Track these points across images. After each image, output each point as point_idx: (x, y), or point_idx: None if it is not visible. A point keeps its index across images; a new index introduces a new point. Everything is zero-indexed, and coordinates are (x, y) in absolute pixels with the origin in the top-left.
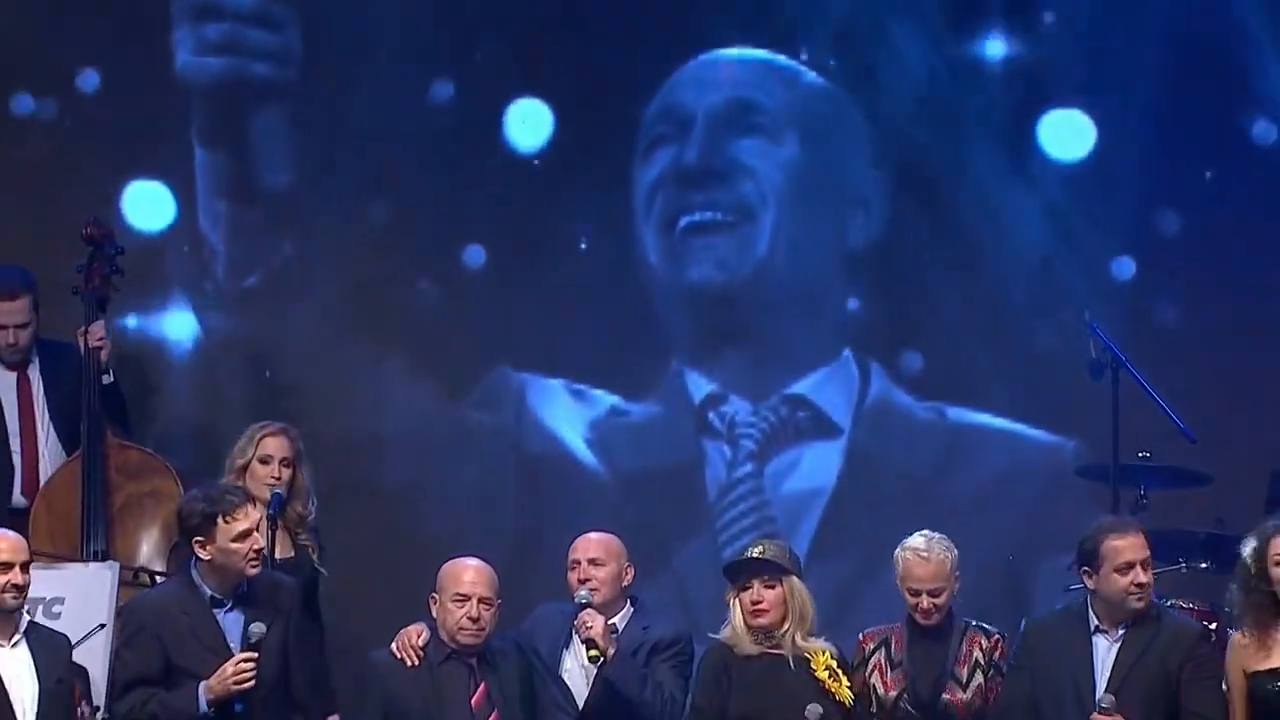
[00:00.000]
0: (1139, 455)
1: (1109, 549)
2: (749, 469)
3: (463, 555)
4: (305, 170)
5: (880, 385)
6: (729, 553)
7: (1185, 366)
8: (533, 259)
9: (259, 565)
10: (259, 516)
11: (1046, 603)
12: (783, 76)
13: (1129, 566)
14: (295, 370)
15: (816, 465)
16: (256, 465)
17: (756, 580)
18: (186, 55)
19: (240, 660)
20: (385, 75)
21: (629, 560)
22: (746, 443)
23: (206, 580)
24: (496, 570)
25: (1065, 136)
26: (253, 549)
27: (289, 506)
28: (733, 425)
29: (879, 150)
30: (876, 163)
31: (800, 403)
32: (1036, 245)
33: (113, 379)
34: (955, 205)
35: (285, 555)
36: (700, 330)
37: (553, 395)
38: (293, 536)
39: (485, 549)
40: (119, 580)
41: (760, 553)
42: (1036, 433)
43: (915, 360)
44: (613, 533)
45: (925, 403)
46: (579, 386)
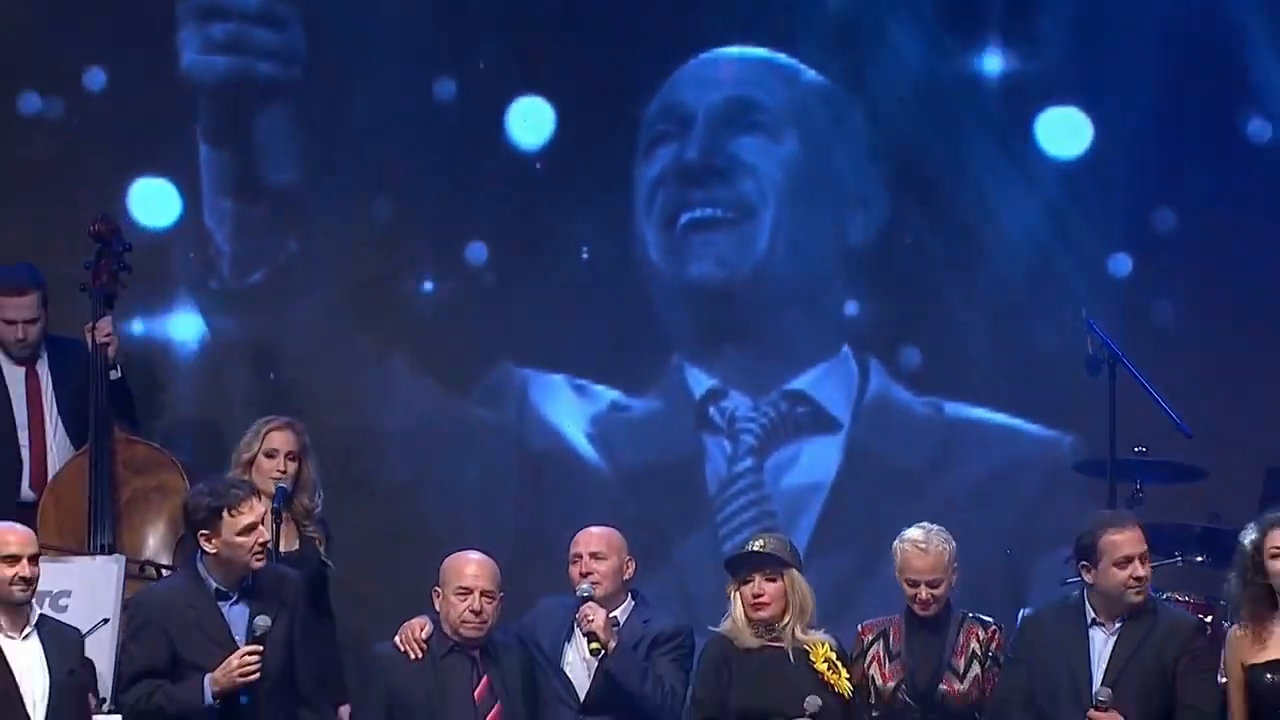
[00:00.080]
0: (1135, 450)
1: (1108, 544)
2: (749, 464)
3: (465, 549)
4: (309, 168)
5: (879, 381)
6: (729, 546)
7: (1181, 363)
8: (534, 256)
9: (264, 559)
10: (264, 510)
11: (1043, 596)
12: (782, 75)
13: (1128, 561)
14: (299, 367)
15: (816, 460)
16: (262, 459)
17: (758, 574)
18: (192, 54)
19: (245, 653)
20: (387, 74)
21: (630, 554)
22: (746, 438)
23: (212, 573)
24: (499, 564)
25: (1062, 134)
26: (257, 542)
27: (296, 499)
28: (733, 420)
29: (878, 148)
30: (875, 160)
31: (800, 398)
32: (1034, 242)
33: (120, 374)
34: (953, 203)
35: (290, 548)
36: (701, 326)
37: (555, 391)
38: (299, 529)
39: (487, 543)
40: (125, 574)
41: (761, 546)
42: (1034, 428)
43: (914, 356)
44: (614, 527)
45: (923, 398)
46: (581, 382)
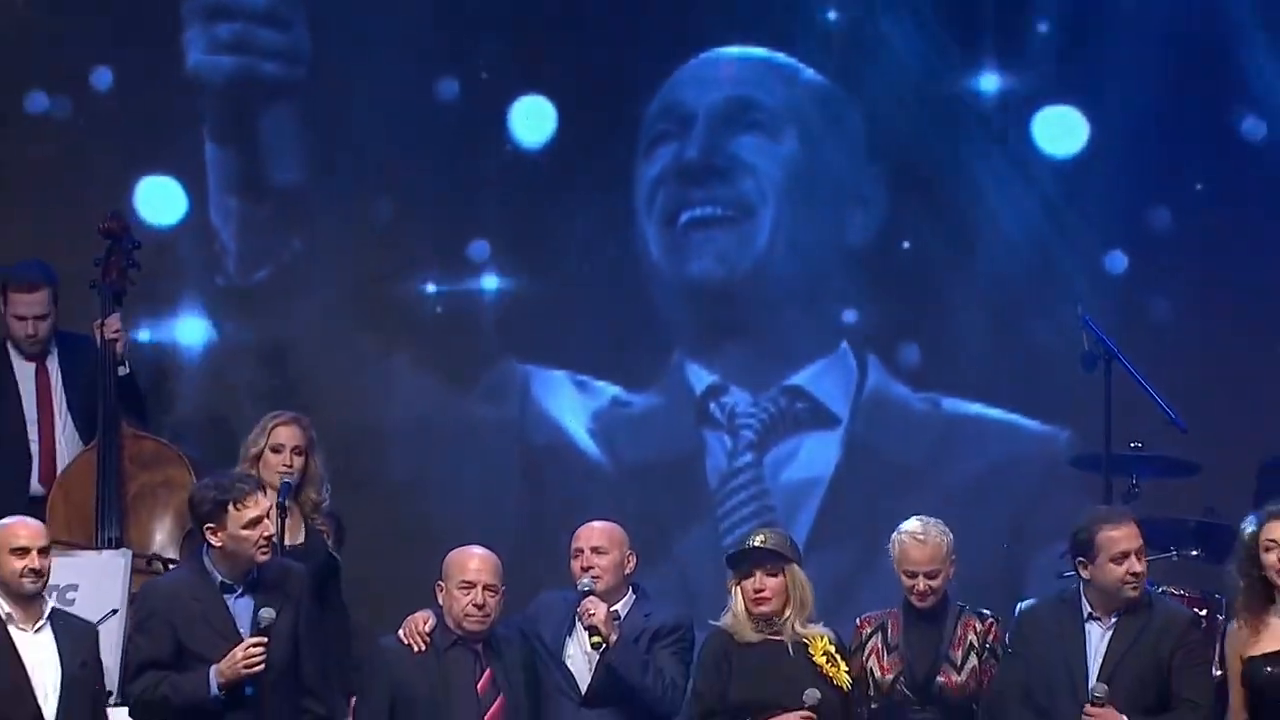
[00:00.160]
0: (1131, 445)
1: (1104, 539)
2: (749, 459)
3: (468, 544)
4: (313, 167)
5: (877, 377)
6: (729, 541)
7: (1177, 359)
8: (536, 255)
9: (269, 552)
10: (269, 504)
11: (1040, 590)
12: (782, 74)
13: (1124, 556)
14: (303, 363)
15: (815, 455)
16: (269, 454)
17: (759, 569)
18: (198, 54)
19: (250, 645)
20: (390, 74)
21: (631, 548)
22: (746, 433)
23: (217, 566)
24: (501, 558)
25: (1058, 133)
26: (263, 536)
27: (303, 493)
28: (733, 416)
29: (876, 147)
30: (874, 159)
31: (799, 394)
32: (1031, 240)
33: (128, 370)
34: (951, 201)
35: (295, 542)
36: (701, 323)
37: (556, 386)
38: (306, 523)
39: (490, 538)
40: (132, 568)
41: (762, 542)
42: (1031, 423)
43: (912, 352)
44: (615, 521)
45: (921, 394)
46: (582, 377)
